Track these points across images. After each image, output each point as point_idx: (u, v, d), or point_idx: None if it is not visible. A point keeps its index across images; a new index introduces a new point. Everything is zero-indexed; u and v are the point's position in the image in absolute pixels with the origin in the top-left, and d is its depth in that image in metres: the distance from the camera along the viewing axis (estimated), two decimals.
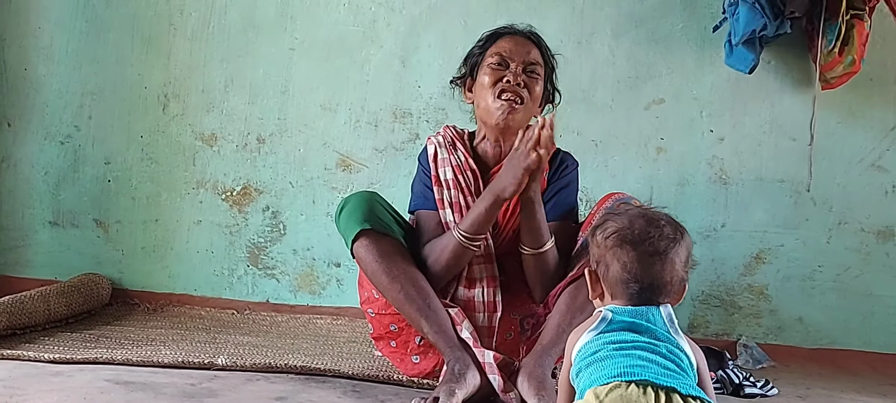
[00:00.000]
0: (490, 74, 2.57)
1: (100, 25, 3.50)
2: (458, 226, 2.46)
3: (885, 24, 3.21)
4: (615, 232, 1.75)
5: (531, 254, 2.47)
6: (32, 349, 2.55)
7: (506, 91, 2.53)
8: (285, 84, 3.49)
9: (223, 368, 2.51)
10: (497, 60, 2.58)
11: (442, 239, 2.50)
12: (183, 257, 3.52)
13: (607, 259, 1.73)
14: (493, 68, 2.58)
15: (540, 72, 2.61)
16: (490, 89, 2.56)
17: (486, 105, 2.57)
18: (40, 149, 3.52)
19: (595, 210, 2.56)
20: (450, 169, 2.59)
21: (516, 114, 2.53)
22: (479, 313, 2.52)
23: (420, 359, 2.53)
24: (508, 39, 2.64)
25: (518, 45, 2.61)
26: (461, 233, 2.44)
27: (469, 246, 2.45)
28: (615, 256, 1.72)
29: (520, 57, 2.58)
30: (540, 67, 2.62)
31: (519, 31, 2.69)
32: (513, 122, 2.53)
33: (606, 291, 1.76)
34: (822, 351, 3.33)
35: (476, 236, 2.44)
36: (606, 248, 1.74)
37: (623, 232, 1.74)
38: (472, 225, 2.43)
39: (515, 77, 2.54)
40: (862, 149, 3.34)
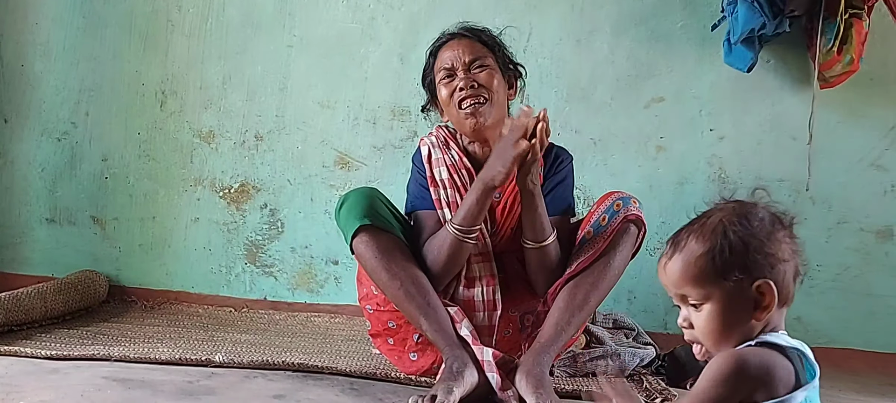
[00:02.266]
0: (444, 88, 2.57)
1: (97, 21, 3.49)
2: (452, 221, 2.45)
3: (884, 22, 3.20)
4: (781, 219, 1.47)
5: (533, 248, 2.46)
6: (29, 345, 2.54)
7: (464, 99, 2.52)
8: (284, 81, 3.48)
9: (221, 365, 2.50)
10: (444, 73, 2.58)
11: (438, 236, 2.49)
12: (180, 254, 3.51)
13: (785, 254, 1.43)
14: (445, 82, 2.57)
15: (488, 62, 2.58)
16: (450, 103, 2.55)
17: (455, 118, 2.57)
18: (37, 146, 3.51)
19: (594, 208, 2.55)
20: (444, 168, 2.58)
21: (485, 115, 2.52)
22: (479, 312, 2.51)
23: (418, 357, 2.52)
24: (446, 48, 2.62)
25: (455, 49, 2.58)
26: (455, 227, 2.43)
27: (464, 239, 2.43)
28: (792, 249, 1.45)
29: (461, 59, 2.55)
30: (486, 57, 2.58)
31: (454, 33, 2.66)
32: (486, 123, 2.52)
33: (778, 303, 1.42)
34: (821, 351, 3.26)
35: (470, 228, 2.43)
36: (785, 239, 1.44)
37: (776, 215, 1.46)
38: (465, 218, 2.42)
39: (466, 81, 2.52)
40: (861, 149, 3.34)
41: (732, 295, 1.40)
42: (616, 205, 2.49)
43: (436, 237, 2.49)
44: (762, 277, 1.39)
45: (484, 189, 2.38)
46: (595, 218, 2.51)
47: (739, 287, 1.39)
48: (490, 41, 2.64)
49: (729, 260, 1.40)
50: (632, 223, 2.48)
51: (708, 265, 1.41)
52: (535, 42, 3.41)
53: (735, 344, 1.41)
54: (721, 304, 1.41)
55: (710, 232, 1.43)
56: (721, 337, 1.42)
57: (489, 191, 2.39)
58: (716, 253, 1.41)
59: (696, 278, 1.42)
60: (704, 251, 1.42)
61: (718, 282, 1.40)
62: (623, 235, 2.47)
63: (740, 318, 1.41)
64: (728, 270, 1.40)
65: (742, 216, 1.43)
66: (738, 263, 1.39)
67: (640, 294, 3.36)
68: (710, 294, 1.42)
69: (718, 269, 1.40)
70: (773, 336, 1.39)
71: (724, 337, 1.42)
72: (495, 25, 2.73)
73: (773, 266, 1.40)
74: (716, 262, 1.40)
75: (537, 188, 2.40)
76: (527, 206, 2.42)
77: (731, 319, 1.41)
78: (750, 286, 1.39)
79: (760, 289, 1.39)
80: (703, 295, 1.42)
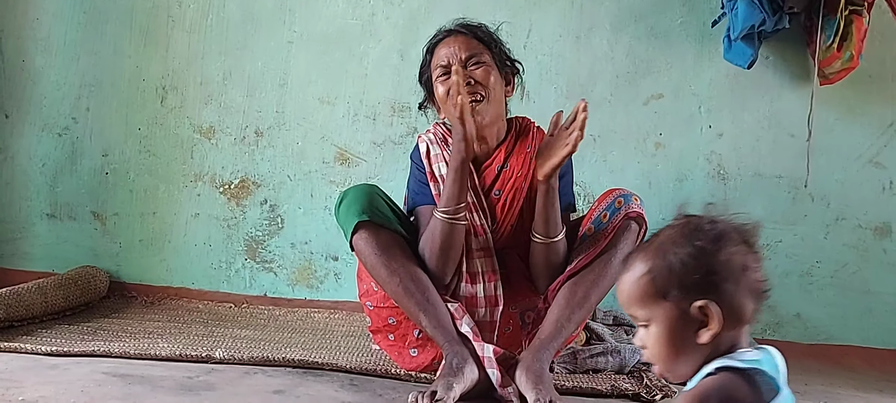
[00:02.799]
0: (441, 85, 2.56)
1: (98, 17, 3.49)
2: (437, 208, 2.47)
3: (884, 19, 3.21)
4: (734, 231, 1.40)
5: (543, 243, 2.46)
6: (30, 341, 2.55)
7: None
8: (284, 77, 3.48)
9: (221, 361, 2.51)
10: (440, 71, 2.56)
11: (429, 227, 2.49)
12: (181, 250, 3.51)
13: (733, 272, 1.36)
14: (441, 80, 2.56)
15: (485, 59, 2.56)
16: (447, 101, 2.54)
17: (451, 117, 2.56)
18: (38, 141, 3.51)
19: (595, 205, 2.55)
20: (443, 164, 2.58)
21: (482, 113, 2.51)
22: (481, 308, 2.52)
23: (418, 353, 2.53)
24: (442, 45, 2.60)
25: (452, 46, 2.57)
26: (441, 212, 2.44)
27: (452, 220, 2.43)
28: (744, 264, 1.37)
29: (457, 57, 2.54)
30: (483, 54, 2.57)
31: (450, 30, 2.64)
32: (483, 120, 2.52)
33: (724, 325, 1.34)
34: (819, 347, 3.34)
35: (456, 208, 2.43)
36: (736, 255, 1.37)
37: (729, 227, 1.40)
38: (447, 199, 2.43)
39: (463, 78, 2.50)
40: (860, 146, 3.35)
41: (675, 317, 1.36)
42: (617, 202, 2.49)
43: (427, 229, 2.50)
44: (704, 298, 1.33)
45: (456, 166, 2.41)
46: (596, 216, 2.51)
47: (680, 308, 1.35)
48: (486, 37, 2.63)
49: (669, 280, 1.36)
50: (633, 220, 2.48)
51: (649, 285, 1.38)
52: (534, 38, 3.41)
53: (687, 367, 1.37)
54: (664, 326, 1.37)
55: (653, 252, 1.39)
56: (668, 359, 1.39)
57: (461, 167, 2.41)
58: (656, 274, 1.37)
59: (638, 298, 1.39)
60: (646, 271, 1.38)
61: (660, 303, 1.37)
62: (624, 232, 2.47)
63: (685, 340, 1.36)
64: (668, 291, 1.36)
65: (687, 234, 1.38)
66: (678, 283, 1.35)
67: None
68: (652, 315, 1.38)
69: (659, 290, 1.37)
70: (728, 360, 1.33)
71: (671, 359, 1.38)
72: (495, 21, 2.73)
73: (717, 285, 1.34)
74: (657, 283, 1.37)
75: (557, 183, 2.42)
76: (545, 201, 2.42)
77: (676, 341, 1.37)
78: (691, 306, 1.34)
79: (703, 311, 1.33)
80: (646, 316, 1.39)
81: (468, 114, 2.36)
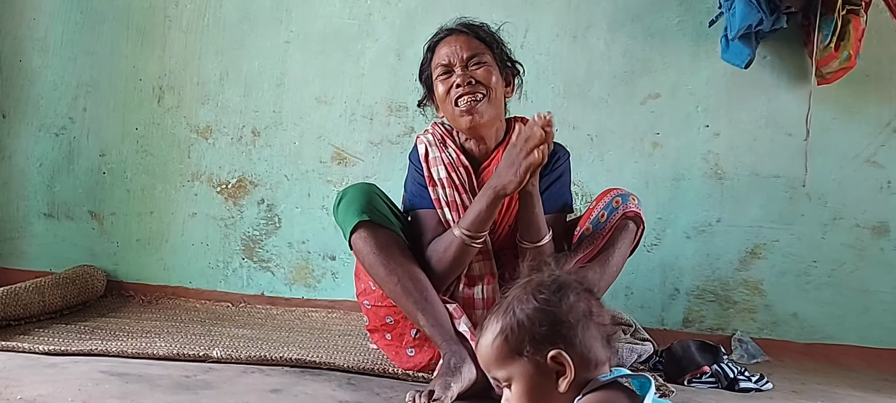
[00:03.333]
0: (441, 85, 2.55)
1: (94, 17, 3.49)
2: (459, 225, 2.43)
3: (881, 19, 3.21)
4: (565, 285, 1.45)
5: (529, 248, 2.46)
6: (27, 340, 2.55)
7: (461, 96, 2.50)
8: (280, 77, 3.48)
9: (218, 360, 2.50)
10: (441, 70, 2.56)
11: (443, 239, 2.48)
12: (178, 249, 3.51)
13: (579, 313, 1.42)
14: (442, 79, 2.55)
15: (486, 59, 2.56)
16: (447, 100, 2.54)
17: (451, 115, 2.56)
18: (35, 141, 3.51)
19: (593, 205, 2.55)
20: (443, 167, 2.57)
21: (481, 113, 2.50)
22: (479, 310, 2.51)
23: (415, 352, 2.53)
24: (444, 44, 2.59)
25: (453, 45, 2.56)
26: (464, 232, 2.42)
27: (471, 244, 2.43)
28: (587, 309, 1.43)
29: (459, 56, 2.53)
30: (484, 54, 2.56)
31: (452, 29, 2.63)
32: (482, 120, 2.51)
33: (577, 370, 1.39)
34: (816, 346, 3.34)
35: (478, 233, 2.42)
36: (577, 303, 1.43)
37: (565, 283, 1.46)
38: (474, 224, 2.41)
39: (463, 77, 2.50)
40: (857, 145, 3.35)
41: (532, 372, 1.40)
42: (615, 202, 2.50)
43: (441, 239, 2.49)
44: (555, 348, 1.38)
45: (495, 196, 2.37)
46: (594, 215, 2.52)
47: (535, 362, 1.39)
48: (488, 37, 2.62)
49: (520, 337, 1.40)
50: (631, 220, 2.49)
51: (502, 345, 1.42)
52: (531, 38, 3.41)
53: None
54: (524, 381, 1.41)
55: (502, 313, 1.44)
56: None
57: (500, 199, 2.38)
58: (507, 333, 1.41)
59: (495, 360, 1.43)
60: (497, 332, 1.43)
61: (516, 360, 1.41)
62: (622, 232, 2.48)
63: (548, 391, 1.39)
64: (520, 347, 1.40)
65: (530, 290, 1.43)
66: (528, 338, 1.40)
67: (638, 290, 3.37)
68: (512, 373, 1.42)
69: (513, 348, 1.41)
70: (597, 383, 1.38)
71: None
72: (493, 21, 2.73)
73: (565, 334, 1.39)
74: (509, 341, 1.41)
75: (536, 189, 2.41)
76: (525, 208, 2.42)
77: (539, 394, 1.40)
78: (545, 358, 1.38)
79: (556, 360, 1.38)
80: (506, 375, 1.43)
81: (535, 168, 2.31)
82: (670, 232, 3.38)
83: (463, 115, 2.50)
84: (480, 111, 2.50)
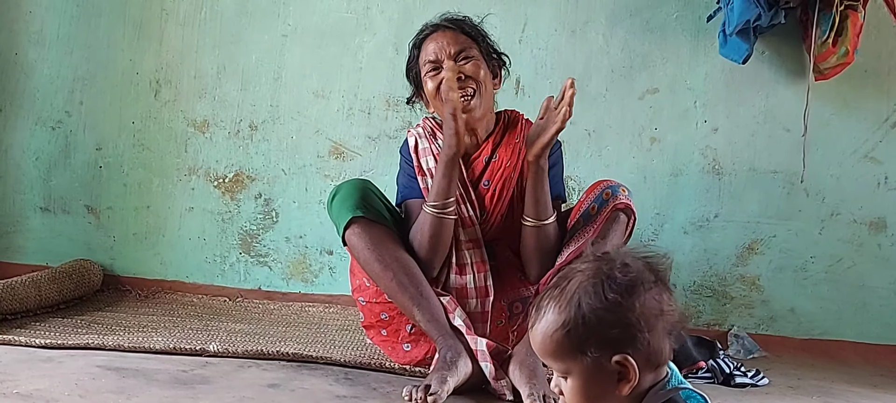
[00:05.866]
0: (431, 81, 2.57)
1: (91, 10, 3.48)
2: (426, 202, 2.48)
3: (880, 14, 3.21)
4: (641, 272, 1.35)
5: (534, 226, 2.47)
6: (24, 334, 2.54)
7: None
8: (278, 71, 3.47)
9: (215, 355, 2.50)
10: (430, 66, 2.57)
11: (418, 220, 2.51)
12: (175, 244, 3.51)
13: (648, 319, 1.32)
14: (431, 75, 2.57)
15: (473, 53, 2.57)
16: (437, 96, 2.55)
17: (442, 111, 2.56)
18: (31, 135, 3.50)
19: (583, 197, 2.56)
20: (431, 158, 2.59)
21: (474, 109, 2.52)
22: (472, 299, 2.52)
23: (411, 347, 2.53)
24: (430, 40, 2.60)
25: (440, 41, 2.57)
26: (430, 205, 2.46)
27: (441, 215, 2.46)
28: (660, 307, 1.34)
29: (446, 51, 2.54)
30: (471, 48, 2.58)
31: (437, 25, 2.64)
32: (474, 115, 2.53)
33: (642, 372, 1.32)
34: (813, 342, 3.34)
35: (444, 203, 2.46)
36: (650, 299, 1.34)
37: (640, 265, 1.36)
38: (436, 194, 2.45)
39: (454, 73, 2.50)
40: (855, 141, 3.35)
41: (593, 371, 1.31)
42: (605, 194, 2.50)
43: (418, 222, 2.51)
44: (621, 353, 1.30)
45: (445, 161, 2.43)
46: (585, 208, 2.52)
47: (598, 363, 1.31)
48: (473, 31, 2.63)
49: (584, 335, 1.31)
50: (621, 211, 2.49)
51: (564, 340, 1.32)
52: (530, 32, 3.40)
53: None
54: (582, 380, 1.33)
55: (566, 303, 1.33)
56: None
57: (451, 162, 2.43)
58: (571, 328, 1.31)
59: (553, 352, 1.34)
60: (560, 325, 1.32)
61: (577, 358, 1.32)
62: (613, 224, 2.48)
63: (605, 392, 1.32)
64: (584, 346, 1.31)
65: (598, 283, 1.32)
66: (594, 338, 1.30)
67: None
68: (570, 368, 1.33)
69: (575, 345, 1.31)
70: (656, 396, 1.33)
71: None
72: (490, 15, 2.73)
73: (632, 336, 1.30)
74: (572, 337, 1.31)
75: (547, 165, 2.44)
76: (534, 182, 2.45)
77: (595, 395, 1.33)
78: (609, 360, 1.30)
79: (620, 364, 1.30)
80: (563, 370, 1.34)
81: (459, 111, 2.37)
82: (668, 227, 3.38)
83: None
84: (473, 106, 2.52)
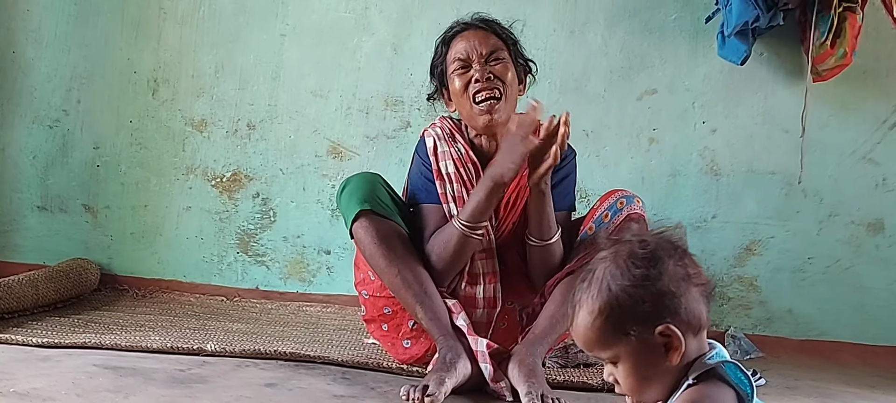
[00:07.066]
0: (458, 79, 2.51)
1: (89, 8, 3.47)
2: (459, 216, 2.43)
3: (878, 16, 3.20)
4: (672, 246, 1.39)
5: (538, 246, 2.45)
6: (21, 333, 2.54)
7: (480, 92, 2.47)
8: (276, 70, 3.47)
9: (213, 354, 2.50)
10: (458, 64, 2.52)
11: (444, 231, 2.47)
12: (172, 243, 3.50)
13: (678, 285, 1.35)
14: (459, 73, 2.52)
15: (503, 56, 2.54)
16: (464, 95, 2.50)
17: (467, 112, 2.53)
18: (28, 133, 3.50)
19: (597, 205, 2.53)
20: (451, 162, 2.55)
21: (499, 112, 2.48)
22: (479, 308, 2.52)
23: (411, 344, 2.52)
24: (461, 38, 2.56)
25: (472, 40, 2.53)
26: (463, 223, 2.41)
27: (471, 235, 2.42)
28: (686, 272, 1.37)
29: (478, 51, 2.50)
30: (502, 51, 2.54)
31: (469, 24, 2.60)
32: (499, 119, 2.49)
33: (688, 330, 1.35)
34: (811, 343, 3.34)
35: (477, 224, 2.42)
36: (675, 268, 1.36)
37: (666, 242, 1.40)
38: (473, 214, 2.40)
39: (482, 73, 2.47)
40: (853, 142, 3.35)
41: (639, 349, 1.34)
42: (619, 203, 2.49)
43: (442, 232, 2.48)
44: (661, 322, 1.32)
45: (493, 185, 2.37)
46: (598, 215, 2.51)
47: (642, 339, 1.33)
48: (505, 34, 2.60)
49: (621, 317, 1.34)
50: (634, 221, 2.47)
51: (604, 326, 1.35)
52: (528, 33, 3.38)
53: (663, 388, 1.36)
54: (632, 360, 1.35)
55: (597, 291, 1.36)
56: (643, 389, 1.37)
57: (498, 188, 2.38)
58: (607, 314, 1.34)
59: (599, 341, 1.37)
60: (596, 313, 1.35)
61: (621, 340, 1.35)
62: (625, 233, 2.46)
63: (656, 366, 1.35)
64: (625, 326, 1.34)
65: (621, 263, 1.35)
66: (631, 317, 1.33)
67: None
68: (617, 352, 1.36)
69: (616, 328, 1.34)
70: (703, 365, 1.35)
71: (645, 389, 1.37)
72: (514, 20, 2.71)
73: (668, 305, 1.33)
74: (611, 322, 1.34)
75: (548, 187, 2.40)
76: (536, 206, 2.41)
77: (647, 371, 1.35)
78: (653, 334, 1.33)
79: (664, 334, 1.32)
80: (612, 355, 1.37)
81: (529, 151, 2.32)
82: None
83: (482, 114, 2.48)
84: (498, 109, 2.48)
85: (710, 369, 1.34)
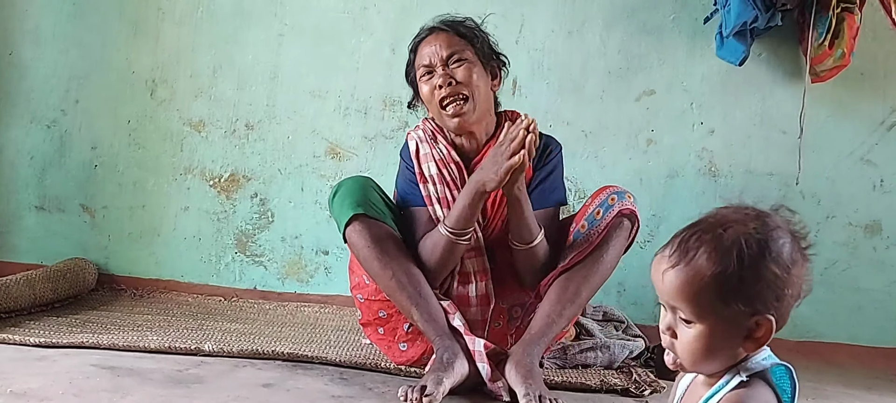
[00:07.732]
0: (425, 85, 2.54)
1: (86, 8, 3.47)
2: (444, 223, 2.44)
3: (876, 17, 3.21)
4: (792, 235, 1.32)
5: (521, 249, 2.46)
6: (18, 333, 2.54)
7: (445, 97, 2.49)
8: (274, 70, 3.47)
9: (210, 354, 2.50)
10: (423, 70, 2.55)
11: (432, 236, 2.48)
12: (170, 243, 3.50)
13: (795, 286, 1.29)
14: (425, 79, 2.54)
15: (466, 56, 2.53)
16: (432, 101, 2.53)
17: (438, 116, 2.55)
18: (26, 134, 3.49)
19: (588, 202, 2.54)
20: (433, 163, 2.56)
21: (468, 114, 2.49)
22: (473, 307, 2.52)
23: (408, 347, 2.52)
24: (425, 43, 2.58)
25: (432, 45, 2.54)
26: (448, 230, 2.42)
27: (458, 241, 2.43)
28: (804, 276, 1.31)
29: (438, 55, 2.52)
30: (465, 51, 2.54)
31: (433, 27, 2.61)
32: (469, 120, 2.50)
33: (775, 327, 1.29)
34: (808, 344, 3.33)
35: (463, 230, 2.43)
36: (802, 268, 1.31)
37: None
38: (458, 221, 2.41)
39: (444, 78, 2.48)
40: (851, 143, 3.35)
41: (727, 323, 1.27)
42: (610, 200, 2.49)
43: (429, 237, 2.49)
44: (766, 312, 1.26)
45: (476, 192, 2.38)
46: (589, 212, 2.51)
47: (737, 316, 1.26)
48: (468, 33, 2.59)
49: (736, 288, 1.25)
50: (625, 217, 2.48)
51: (711, 286, 1.25)
52: (527, 33, 3.40)
53: (716, 367, 1.32)
54: (713, 329, 1.28)
55: (724, 252, 1.26)
56: (702, 360, 1.31)
57: (481, 195, 2.39)
58: (725, 278, 1.25)
59: (694, 297, 1.27)
60: (713, 273, 1.26)
61: (716, 308, 1.26)
62: (616, 229, 2.47)
63: (729, 345, 1.29)
64: (731, 298, 1.25)
65: (762, 241, 1.26)
66: (745, 293, 1.25)
67: (630, 287, 3.36)
68: (704, 315, 1.27)
69: (722, 295, 1.25)
70: (757, 364, 1.30)
71: (705, 360, 1.31)
72: (487, 15, 2.71)
73: (779, 299, 1.27)
74: (722, 287, 1.25)
75: (523, 193, 2.40)
76: (513, 211, 2.41)
77: (720, 345, 1.29)
78: (749, 317, 1.26)
79: (758, 323, 1.26)
80: (696, 315, 1.28)
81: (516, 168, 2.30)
82: (664, 228, 3.37)
83: (451, 117, 2.51)
84: (466, 110, 2.49)
85: (762, 371, 1.29)
